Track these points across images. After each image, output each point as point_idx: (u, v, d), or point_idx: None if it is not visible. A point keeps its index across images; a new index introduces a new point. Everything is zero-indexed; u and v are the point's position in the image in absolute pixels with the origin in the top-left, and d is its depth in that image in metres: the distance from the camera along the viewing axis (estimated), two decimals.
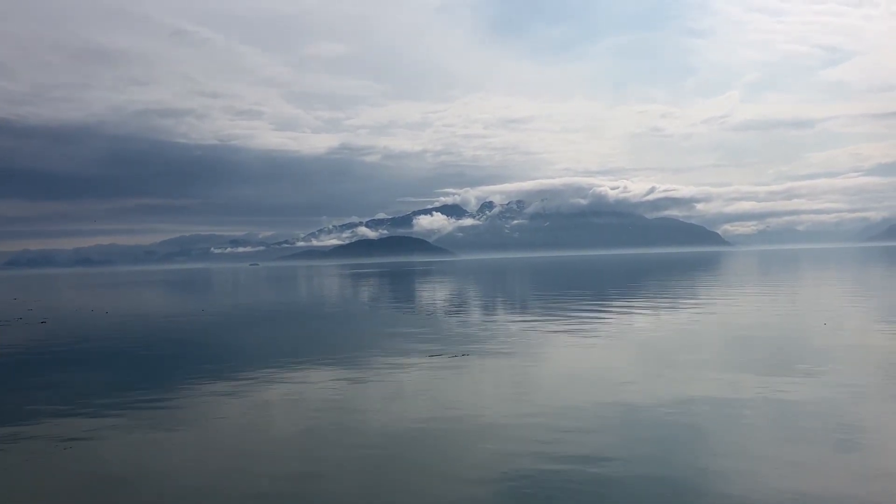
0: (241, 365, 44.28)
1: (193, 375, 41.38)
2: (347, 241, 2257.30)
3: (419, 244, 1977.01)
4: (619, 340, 49.20)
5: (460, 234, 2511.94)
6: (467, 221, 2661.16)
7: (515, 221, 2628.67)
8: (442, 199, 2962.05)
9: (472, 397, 32.83)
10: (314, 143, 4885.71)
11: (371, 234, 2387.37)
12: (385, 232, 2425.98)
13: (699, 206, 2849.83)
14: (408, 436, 26.93)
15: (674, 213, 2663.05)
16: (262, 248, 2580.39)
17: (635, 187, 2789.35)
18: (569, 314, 69.25)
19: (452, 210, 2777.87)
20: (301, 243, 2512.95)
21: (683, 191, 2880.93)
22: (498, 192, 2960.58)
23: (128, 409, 33.09)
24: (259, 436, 27.71)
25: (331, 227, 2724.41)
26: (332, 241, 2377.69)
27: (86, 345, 58.00)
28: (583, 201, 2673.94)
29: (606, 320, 62.50)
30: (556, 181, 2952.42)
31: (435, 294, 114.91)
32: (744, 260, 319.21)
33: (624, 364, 40.38)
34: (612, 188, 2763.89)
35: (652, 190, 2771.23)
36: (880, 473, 22.37)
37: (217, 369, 43.07)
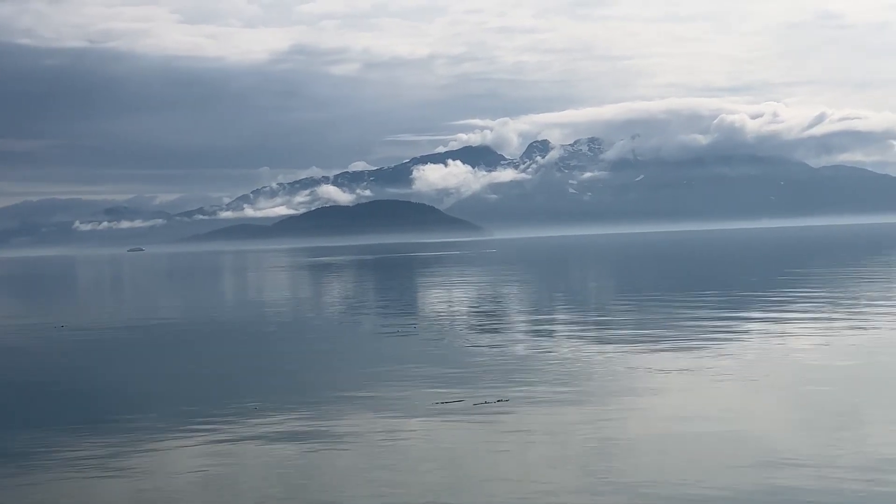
0: (128, 418, 29.18)
1: (49, 432, 27.14)
2: (303, 210, 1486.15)
3: (424, 214, 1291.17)
4: (766, 376, 32.42)
5: (493, 197, 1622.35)
6: (506, 174, 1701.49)
7: (587, 174, 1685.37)
8: (462, 136, 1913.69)
9: (512, 478, 21.15)
10: (248, 44, 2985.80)
11: (342, 196, 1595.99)
12: (366, 193, 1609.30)
13: None
14: None
15: (857, 157, 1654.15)
16: (159, 220, 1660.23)
17: (792, 115, 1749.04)
18: (678, 329, 47.67)
19: (480, 155, 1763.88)
20: (226, 213, 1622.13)
21: (874, 120, 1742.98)
22: (557, 125, 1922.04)
23: None
24: None
25: (275, 185, 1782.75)
26: (279, 210, 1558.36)
27: None
28: (701, 139, 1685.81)
29: (742, 340, 42.62)
30: (656, 105, 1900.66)
31: (451, 298, 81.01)
32: None
33: (774, 419, 26.13)
34: (753, 116, 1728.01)
35: (820, 119, 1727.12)
36: None
37: (87, 424, 28.37)
